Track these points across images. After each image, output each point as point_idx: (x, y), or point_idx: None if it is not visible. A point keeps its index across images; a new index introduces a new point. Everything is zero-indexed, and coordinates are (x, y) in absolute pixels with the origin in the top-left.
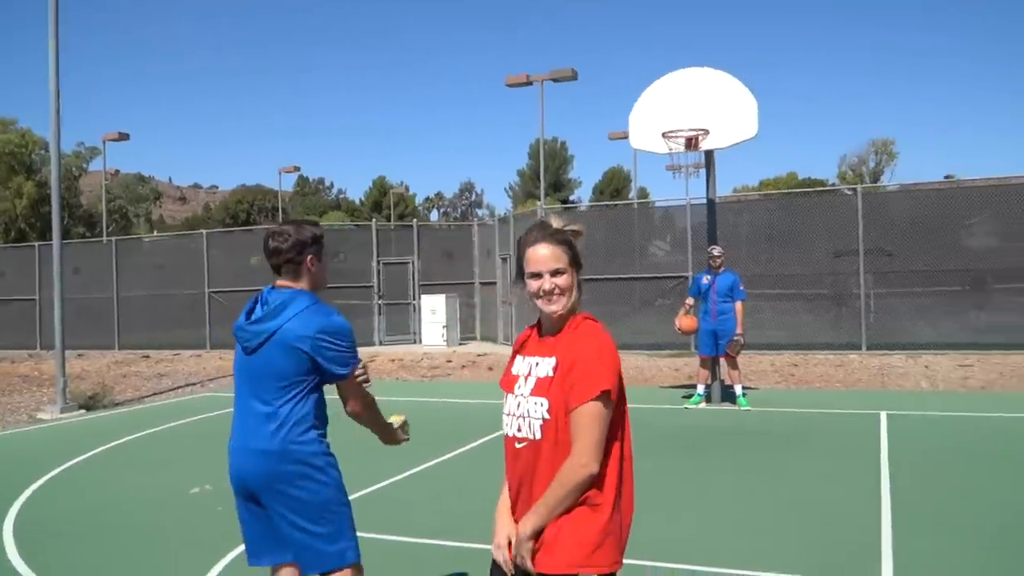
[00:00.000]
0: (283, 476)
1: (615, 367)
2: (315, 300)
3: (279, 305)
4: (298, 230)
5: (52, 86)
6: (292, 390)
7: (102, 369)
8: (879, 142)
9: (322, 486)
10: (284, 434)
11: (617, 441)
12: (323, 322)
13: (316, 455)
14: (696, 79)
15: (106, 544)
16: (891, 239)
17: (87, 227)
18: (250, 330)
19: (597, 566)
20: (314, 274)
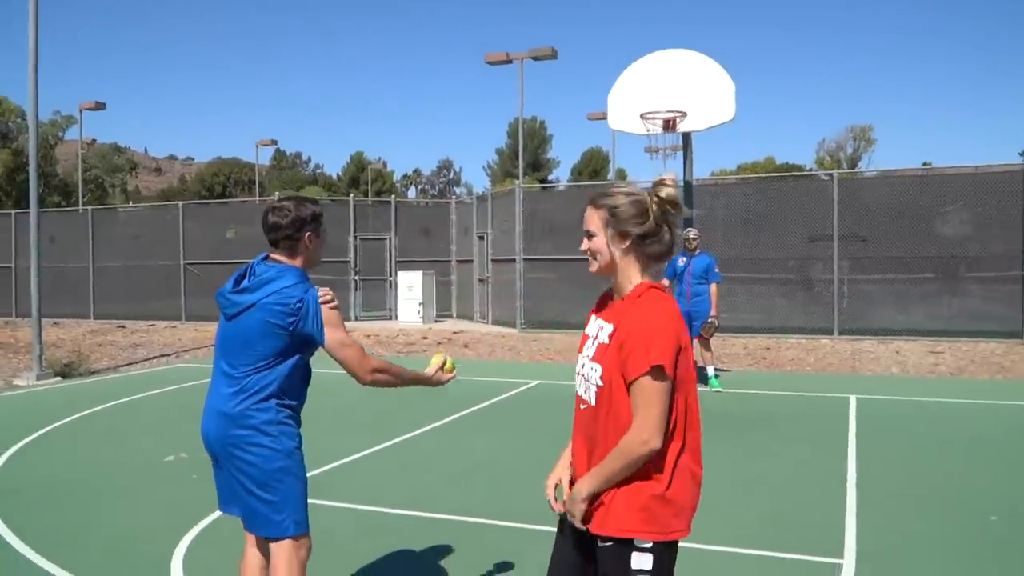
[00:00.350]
0: (235, 439)
1: (672, 342)
2: (302, 279)
3: (265, 279)
4: (298, 207)
5: (31, 54)
6: (260, 361)
7: (78, 338)
8: (857, 128)
9: (273, 453)
10: (242, 399)
11: (679, 415)
12: (303, 297)
13: (270, 423)
14: (675, 61)
15: (83, 509)
16: (866, 225)
17: (63, 196)
18: (231, 299)
19: (649, 533)
20: (310, 252)
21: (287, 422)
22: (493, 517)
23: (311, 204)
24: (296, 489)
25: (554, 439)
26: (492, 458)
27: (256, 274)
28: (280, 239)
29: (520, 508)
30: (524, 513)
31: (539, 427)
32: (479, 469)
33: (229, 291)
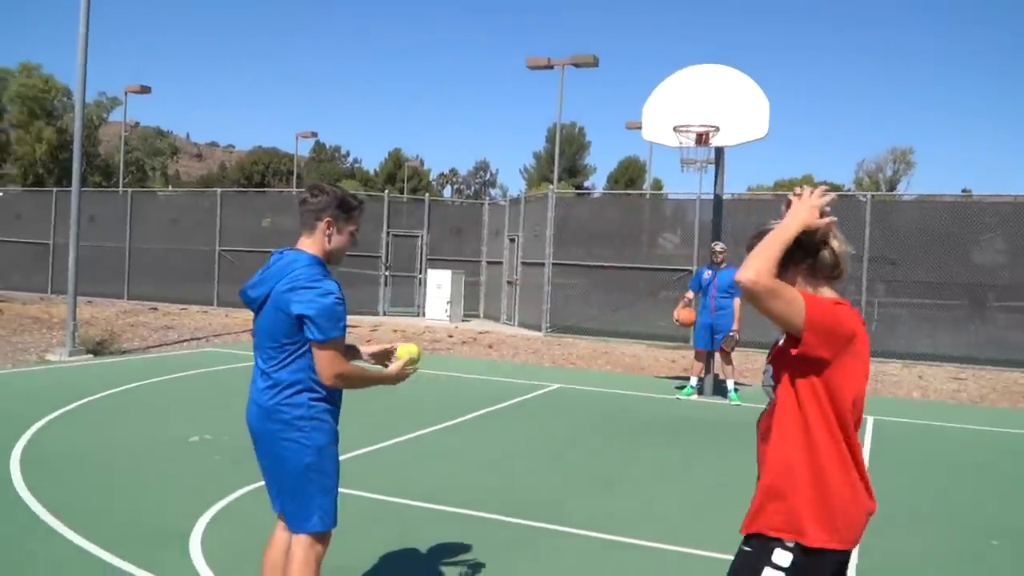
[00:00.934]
0: (269, 433)
1: (833, 312)
2: (314, 263)
3: (276, 268)
4: (328, 189)
5: (81, 36)
6: (283, 351)
7: (111, 317)
8: (898, 151)
9: (303, 449)
10: (274, 394)
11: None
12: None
13: (302, 418)
14: (710, 76)
15: (107, 483)
16: (897, 248)
17: (103, 176)
18: (248, 295)
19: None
20: (328, 240)
21: (320, 417)
22: (505, 513)
23: (343, 193)
24: (323, 486)
25: (569, 441)
26: (507, 457)
27: (270, 265)
28: (302, 216)
29: (532, 505)
30: (535, 510)
31: (556, 429)
32: (494, 466)
33: (247, 288)
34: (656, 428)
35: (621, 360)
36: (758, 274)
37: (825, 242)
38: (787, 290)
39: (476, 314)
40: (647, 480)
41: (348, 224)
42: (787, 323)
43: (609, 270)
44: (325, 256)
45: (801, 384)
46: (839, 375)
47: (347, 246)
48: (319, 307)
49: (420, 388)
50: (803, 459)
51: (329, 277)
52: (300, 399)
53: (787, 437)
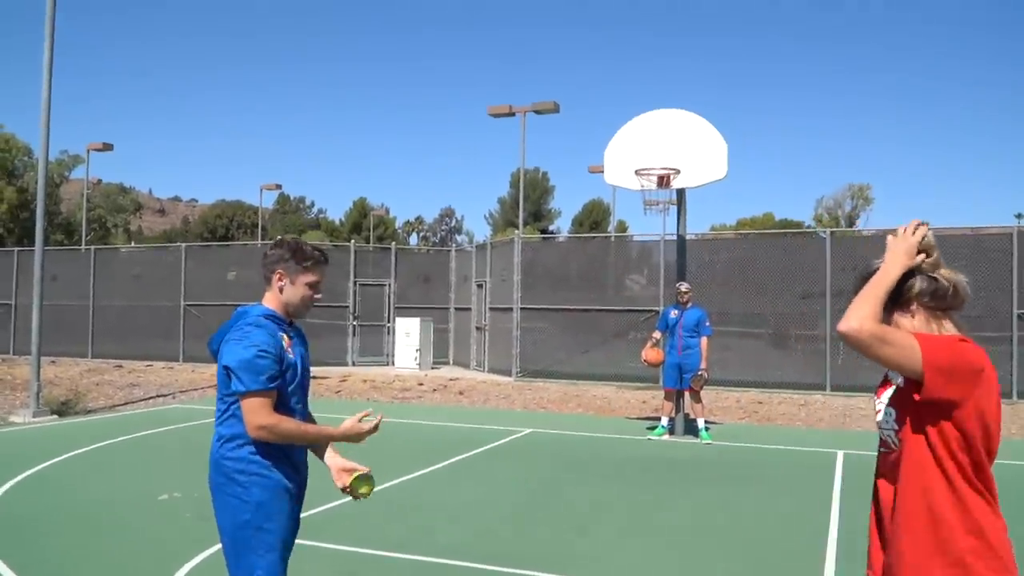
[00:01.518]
0: (214, 486)
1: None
2: (264, 315)
3: (230, 321)
4: (285, 242)
5: (44, 95)
6: (225, 403)
7: (75, 376)
8: (855, 187)
9: (241, 504)
10: (219, 446)
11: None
12: (229, 335)
13: (241, 472)
14: (669, 120)
15: (77, 544)
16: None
17: (66, 234)
18: (211, 348)
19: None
20: (282, 291)
21: (262, 472)
22: (480, 560)
23: (297, 244)
24: (264, 544)
25: (543, 486)
26: (482, 503)
27: (231, 319)
28: (262, 270)
29: (506, 552)
30: (510, 557)
31: (529, 474)
32: (469, 513)
33: (210, 341)
34: (629, 470)
35: (592, 402)
36: (861, 322)
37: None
38: (896, 334)
39: (446, 361)
40: (623, 522)
41: (303, 275)
42: (904, 368)
43: (577, 313)
44: (283, 309)
45: (932, 432)
46: (969, 415)
47: (305, 298)
48: (239, 359)
49: (392, 437)
50: (956, 515)
51: (263, 329)
52: (241, 452)
53: (930, 491)
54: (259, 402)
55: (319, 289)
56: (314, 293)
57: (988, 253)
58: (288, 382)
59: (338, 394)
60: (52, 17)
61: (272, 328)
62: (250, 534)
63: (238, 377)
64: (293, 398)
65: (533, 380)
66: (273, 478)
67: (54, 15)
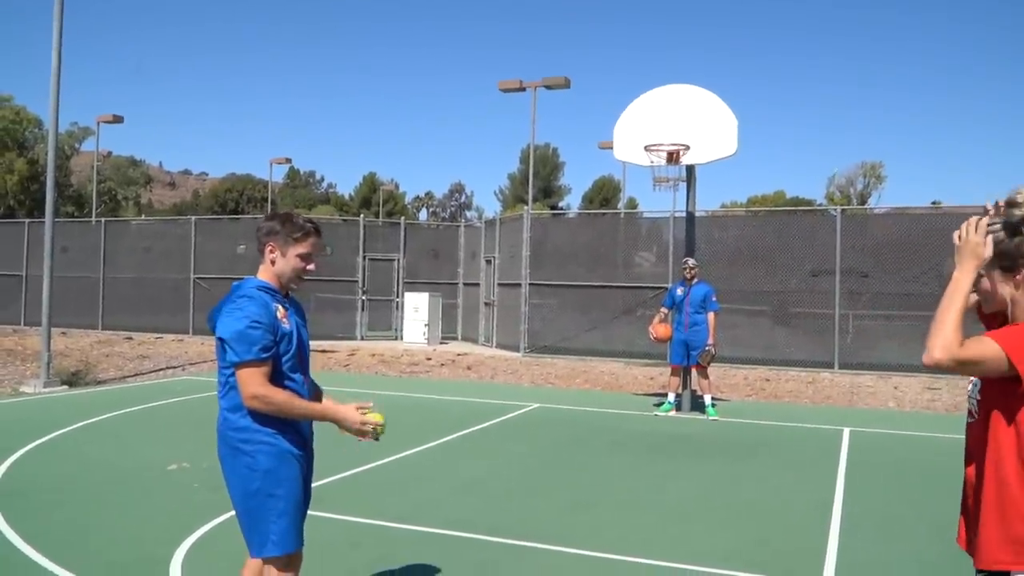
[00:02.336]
0: (220, 455)
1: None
2: (257, 287)
3: (228, 295)
4: (276, 215)
5: (54, 66)
6: (224, 375)
7: (85, 348)
8: (867, 165)
9: (251, 473)
10: (223, 419)
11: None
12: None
13: (246, 442)
14: (679, 95)
15: (85, 512)
16: (869, 261)
17: (76, 207)
18: (208, 322)
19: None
20: (274, 263)
21: (267, 440)
22: (486, 532)
23: (287, 215)
24: (276, 510)
25: (548, 460)
26: (487, 476)
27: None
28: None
29: (510, 524)
30: (516, 529)
31: (535, 449)
32: (474, 486)
33: (208, 317)
34: (634, 445)
35: (599, 378)
36: (944, 351)
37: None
38: (976, 350)
39: (454, 336)
40: (627, 497)
41: (294, 246)
42: (996, 374)
43: (586, 289)
44: (276, 281)
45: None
46: None
47: (297, 269)
48: (232, 330)
49: (399, 411)
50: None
51: (255, 300)
52: (243, 422)
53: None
54: (252, 372)
55: (311, 260)
56: (306, 264)
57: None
58: (283, 352)
59: (346, 367)
60: None
61: (265, 299)
62: (261, 501)
63: (232, 348)
64: (289, 367)
65: (541, 356)
66: (279, 445)
67: None
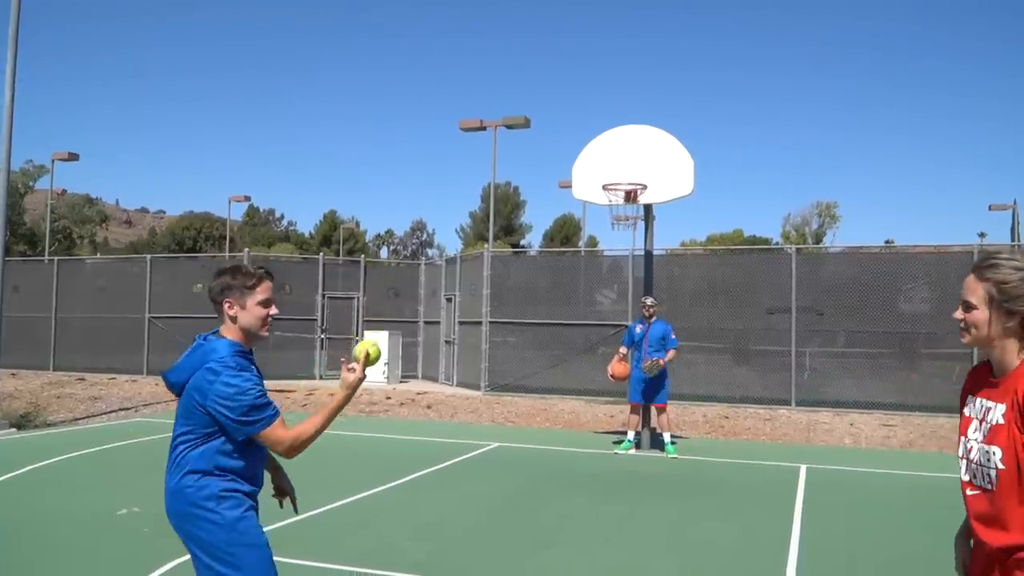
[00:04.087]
0: (179, 515)
1: None
2: (233, 351)
3: (198, 355)
4: (224, 270)
5: (7, 101)
6: (191, 436)
7: (36, 389)
8: (823, 204)
9: (216, 528)
10: (179, 475)
11: None
12: (215, 387)
13: (208, 498)
14: (637, 136)
15: (34, 560)
16: (824, 299)
17: (29, 245)
18: (169, 379)
19: None
20: (237, 318)
21: (226, 495)
22: (444, 575)
23: (235, 267)
24: (249, 559)
25: (508, 500)
26: (447, 517)
27: (192, 351)
28: (214, 306)
29: (470, 566)
30: (474, 571)
31: (495, 488)
32: (433, 528)
33: (168, 372)
34: (595, 484)
35: (560, 417)
36: None
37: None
38: None
39: (414, 375)
40: (587, 536)
41: (251, 295)
42: None
43: (546, 327)
44: (243, 337)
45: None
46: None
47: (261, 317)
48: (244, 406)
49: (358, 450)
50: None
51: (245, 369)
52: (207, 481)
53: None
54: (275, 428)
55: (271, 304)
56: (268, 310)
57: (951, 270)
58: None
59: (304, 407)
60: (16, 22)
61: (247, 365)
62: (233, 550)
63: (248, 423)
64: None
65: (502, 394)
66: (238, 497)
67: (18, 21)
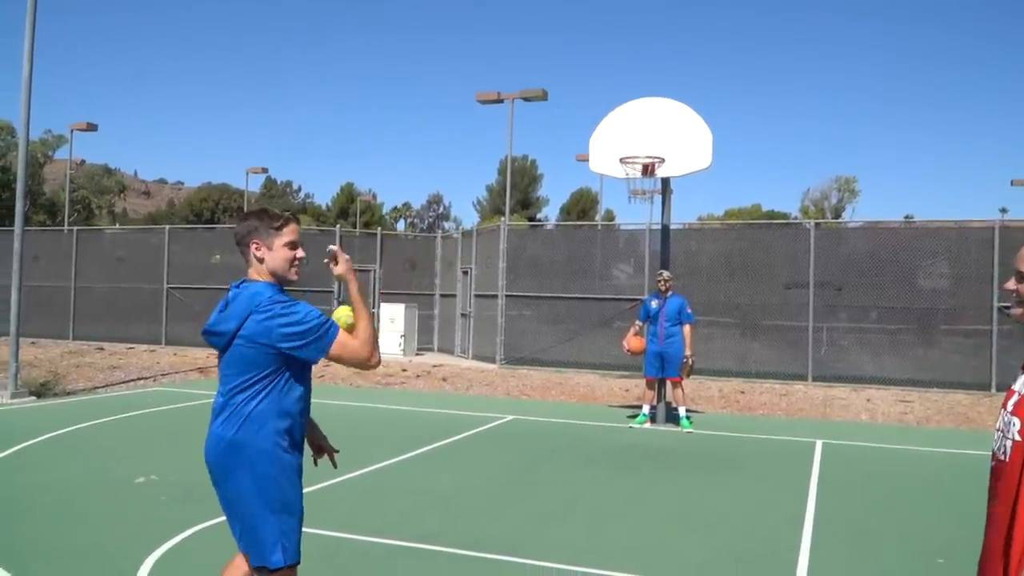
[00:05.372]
0: (225, 466)
1: None
2: (272, 290)
3: (242, 300)
4: (247, 213)
5: (25, 74)
6: (254, 384)
7: (55, 358)
8: (842, 179)
9: (260, 482)
10: (238, 427)
11: None
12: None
13: (263, 451)
14: (654, 108)
15: (52, 526)
16: (843, 274)
17: (48, 215)
18: (216, 330)
19: None
20: (263, 259)
21: (283, 451)
22: (458, 546)
23: (260, 209)
24: (281, 520)
25: (522, 473)
26: (461, 489)
27: (231, 300)
28: (240, 252)
29: (484, 537)
30: (491, 543)
31: (510, 461)
32: (448, 499)
33: (212, 326)
34: (610, 457)
35: (575, 390)
36: None
37: None
38: None
39: (430, 347)
40: (601, 509)
41: (278, 237)
42: None
43: (562, 301)
44: (273, 278)
45: None
46: None
47: (288, 258)
48: (309, 328)
49: (374, 422)
50: None
51: (296, 302)
52: (264, 432)
53: None
54: (345, 340)
55: (298, 246)
56: (296, 252)
57: (971, 246)
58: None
59: (321, 378)
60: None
61: (291, 298)
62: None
63: (316, 345)
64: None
65: (517, 367)
66: (286, 455)
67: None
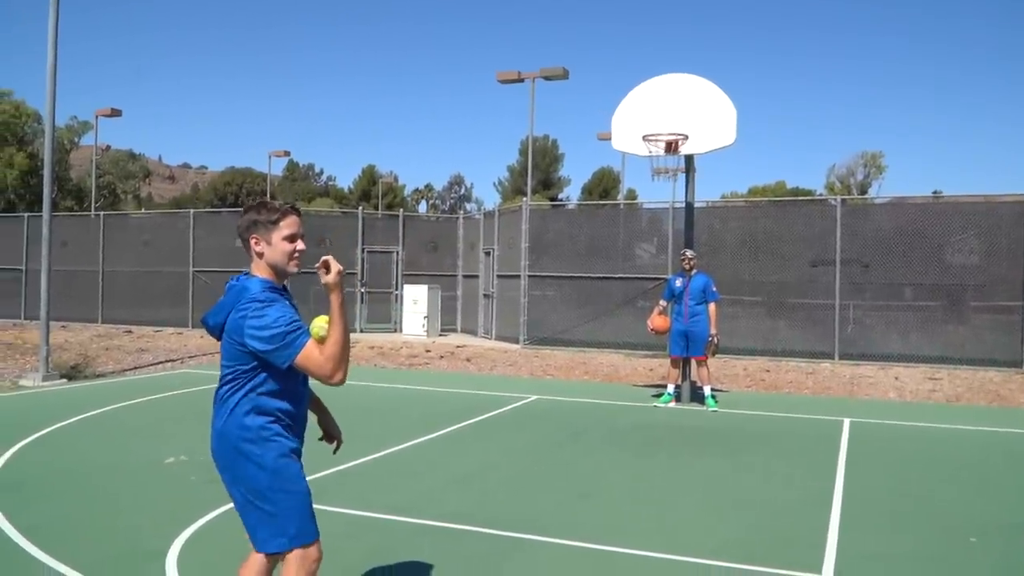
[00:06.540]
0: (223, 456)
1: None
2: (263, 287)
3: (232, 295)
4: (246, 207)
5: (50, 60)
6: (237, 375)
7: (85, 341)
8: (868, 155)
9: (258, 470)
10: (227, 417)
11: None
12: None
13: (252, 440)
14: (678, 85)
15: (82, 505)
16: (870, 251)
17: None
18: (208, 323)
19: None
20: (262, 254)
21: (273, 438)
22: (484, 525)
23: (258, 203)
24: (287, 504)
25: (547, 452)
26: (485, 468)
27: (226, 292)
28: (242, 245)
29: (508, 517)
30: (515, 522)
31: (534, 440)
32: (472, 479)
33: (207, 316)
34: (634, 437)
35: (599, 370)
36: None
37: None
38: None
39: (453, 328)
40: (626, 488)
41: (276, 231)
42: None
43: (585, 280)
44: (272, 273)
45: None
46: None
47: (287, 252)
48: (271, 335)
49: (398, 402)
50: None
51: (273, 304)
52: (250, 421)
53: None
54: (313, 351)
55: (296, 239)
56: (295, 245)
57: (1002, 221)
58: None
59: None
60: None
61: (277, 297)
62: (271, 495)
63: (280, 354)
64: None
65: (540, 347)
66: (281, 441)
67: None
